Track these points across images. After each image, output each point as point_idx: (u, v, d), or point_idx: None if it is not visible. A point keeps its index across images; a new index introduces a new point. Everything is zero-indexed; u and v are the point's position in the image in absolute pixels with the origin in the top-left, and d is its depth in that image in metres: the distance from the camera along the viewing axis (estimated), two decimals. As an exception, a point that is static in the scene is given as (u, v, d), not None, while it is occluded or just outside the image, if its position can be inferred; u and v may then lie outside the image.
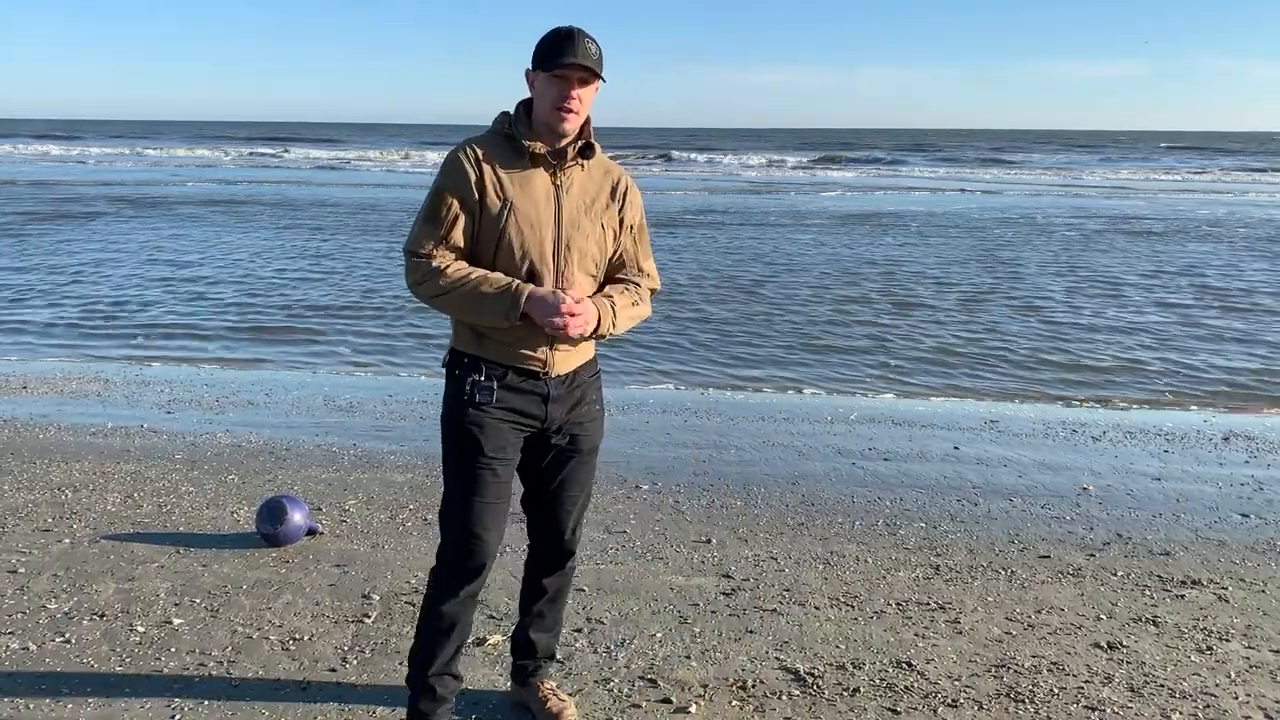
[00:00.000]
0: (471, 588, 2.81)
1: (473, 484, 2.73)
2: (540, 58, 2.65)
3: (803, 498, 5.34)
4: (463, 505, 2.74)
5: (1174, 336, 10.46)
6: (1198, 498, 5.46)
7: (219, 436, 6.33)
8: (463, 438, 2.72)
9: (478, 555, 2.77)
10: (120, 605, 3.86)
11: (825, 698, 3.28)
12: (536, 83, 2.68)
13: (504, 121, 2.73)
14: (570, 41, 2.62)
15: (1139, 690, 3.36)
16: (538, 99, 2.68)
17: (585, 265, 2.74)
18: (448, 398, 2.77)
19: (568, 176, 2.72)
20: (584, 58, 2.60)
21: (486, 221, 2.65)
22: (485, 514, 2.75)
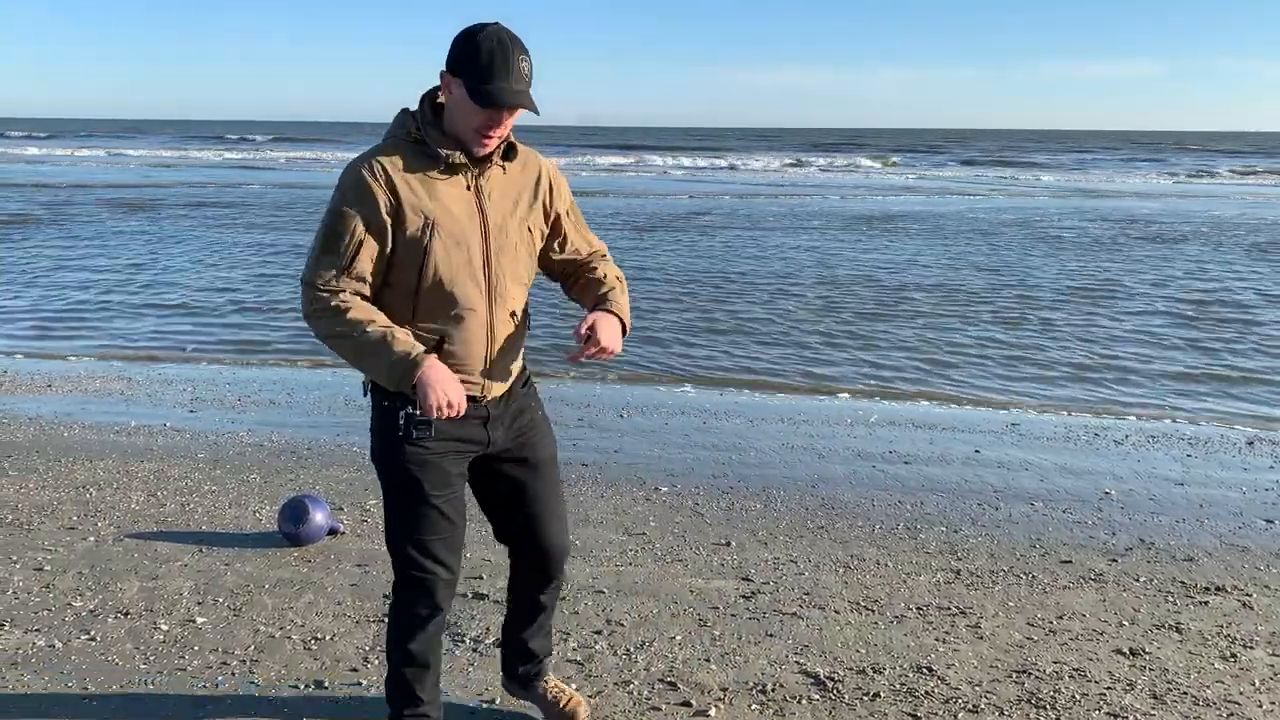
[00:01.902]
0: (438, 620, 2.69)
1: (420, 523, 2.58)
2: (468, 73, 2.34)
3: (822, 501, 5.33)
4: (414, 546, 2.59)
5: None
6: (1221, 503, 5.42)
7: (241, 435, 6.37)
8: (403, 478, 2.54)
9: (439, 591, 2.64)
10: (144, 603, 3.90)
11: (845, 702, 3.27)
12: (456, 92, 2.39)
13: (410, 125, 2.46)
14: (506, 64, 2.33)
15: (1162, 697, 3.34)
16: (457, 112, 2.41)
17: (517, 275, 2.57)
18: (379, 431, 2.56)
19: (487, 180, 2.50)
20: (519, 85, 2.35)
21: (404, 246, 2.41)
22: (439, 549, 2.60)
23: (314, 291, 2.43)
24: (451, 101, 2.42)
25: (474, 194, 2.48)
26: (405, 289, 2.47)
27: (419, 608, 2.66)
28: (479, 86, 2.34)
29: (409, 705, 2.76)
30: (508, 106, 2.36)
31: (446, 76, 2.41)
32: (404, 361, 2.38)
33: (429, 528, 2.59)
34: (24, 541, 4.50)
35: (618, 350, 2.55)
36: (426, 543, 2.60)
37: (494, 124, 2.40)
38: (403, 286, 2.47)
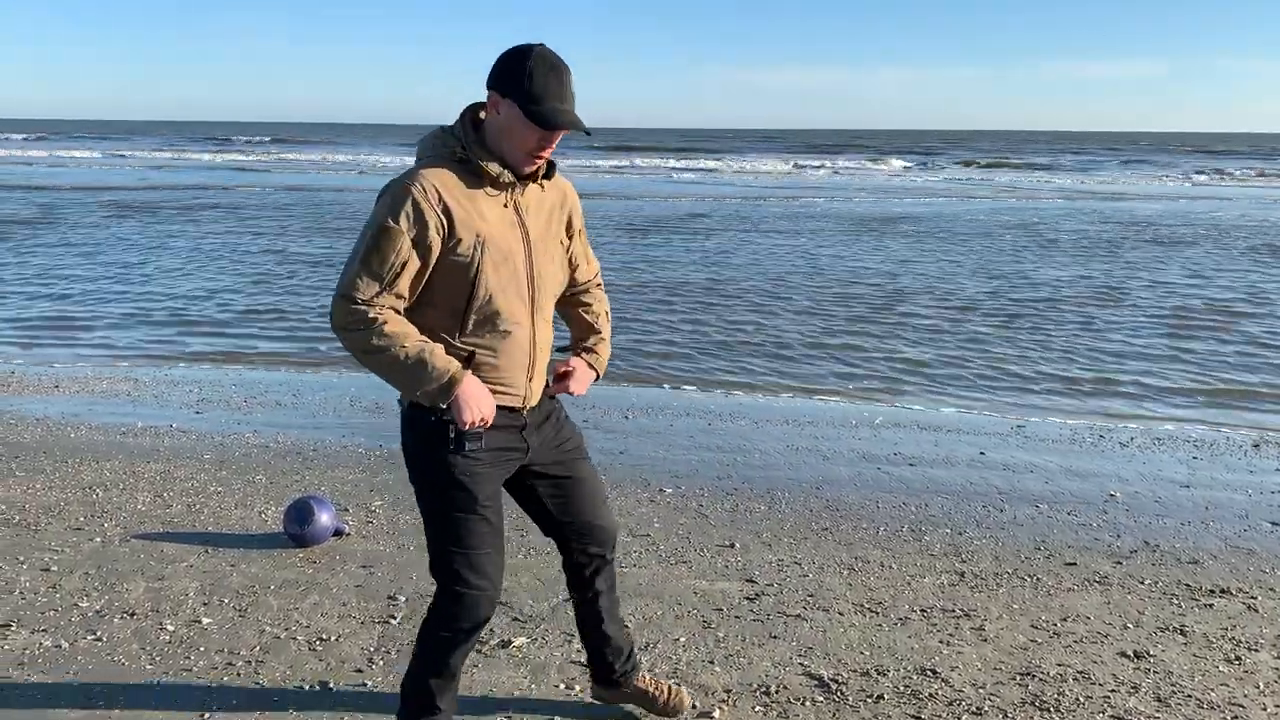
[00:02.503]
0: (477, 634, 2.71)
1: (469, 537, 2.58)
2: (522, 94, 2.38)
3: (827, 503, 5.33)
4: (465, 561, 2.59)
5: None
6: (1227, 505, 5.41)
7: (247, 437, 6.39)
8: (454, 491, 2.55)
9: (484, 607, 2.65)
10: (150, 604, 3.91)
11: (849, 704, 3.27)
12: (506, 112, 2.42)
13: (453, 144, 2.47)
14: (560, 86, 2.40)
15: (1166, 700, 3.34)
16: (506, 131, 2.44)
17: (554, 289, 2.65)
18: (426, 445, 2.56)
19: (525, 197, 2.55)
20: (572, 106, 2.42)
21: (454, 265, 2.43)
22: (486, 564, 2.62)
23: (350, 305, 2.42)
24: (499, 121, 2.44)
25: (514, 211, 2.52)
26: (453, 306, 2.49)
27: (463, 622, 2.66)
28: (536, 108, 2.38)
29: (428, 714, 2.76)
30: (566, 128, 2.42)
31: (494, 96, 2.43)
32: (442, 378, 2.42)
33: (479, 541, 2.60)
34: (31, 542, 4.52)
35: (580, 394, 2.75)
36: (477, 557, 2.61)
37: (546, 144, 2.45)
38: (450, 304, 2.49)
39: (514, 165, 2.48)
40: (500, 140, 2.46)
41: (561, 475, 2.79)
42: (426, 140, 2.53)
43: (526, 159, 2.47)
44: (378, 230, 2.39)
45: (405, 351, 2.41)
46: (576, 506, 2.84)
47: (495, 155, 2.47)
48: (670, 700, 3.08)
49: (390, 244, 2.39)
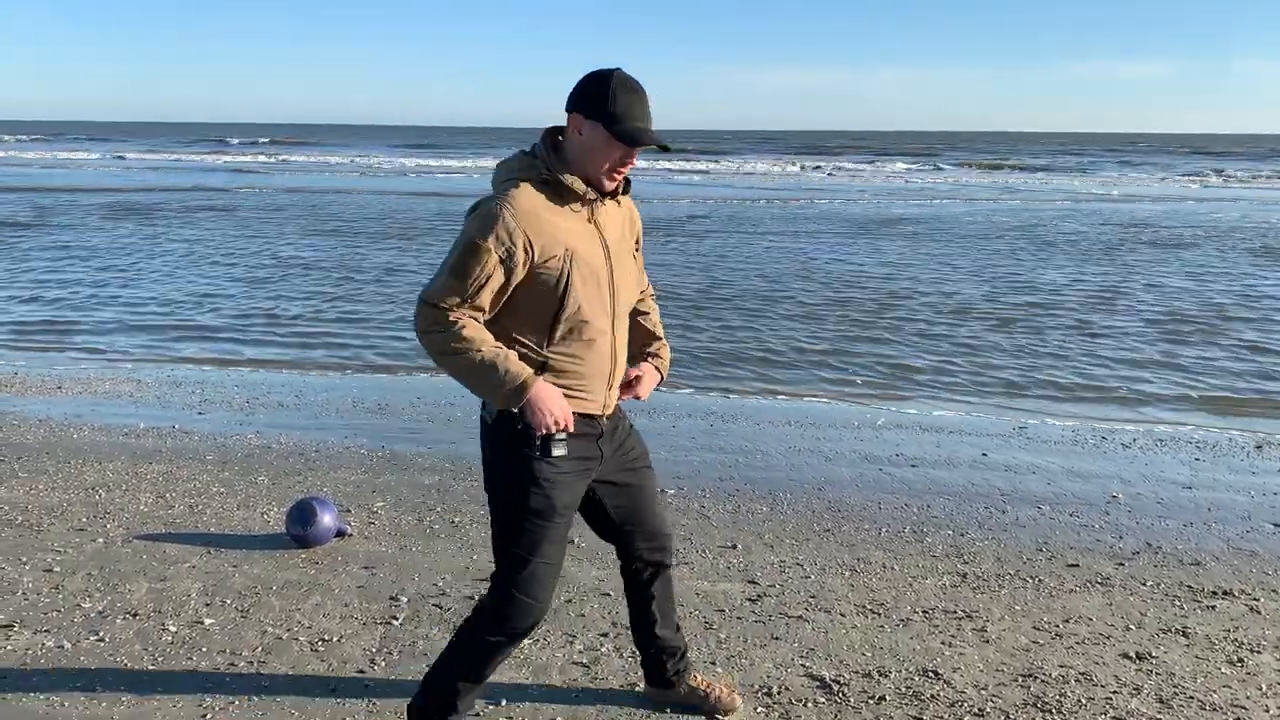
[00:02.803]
0: (518, 645, 2.79)
1: (538, 546, 2.64)
2: (607, 115, 2.50)
3: (829, 504, 5.33)
4: (534, 571, 2.64)
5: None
6: (1229, 507, 5.40)
7: (249, 438, 6.40)
8: (535, 497, 2.61)
9: (537, 616, 2.71)
10: (153, 605, 3.91)
11: (850, 705, 3.27)
12: (589, 133, 2.54)
13: (539, 165, 2.57)
14: (641, 106, 2.54)
15: (1168, 702, 3.34)
16: (587, 150, 2.55)
17: (629, 300, 2.75)
18: (510, 452, 2.61)
19: (603, 213, 2.66)
20: (650, 125, 2.56)
21: (544, 280, 2.53)
22: (547, 577, 2.68)
23: (432, 310, 2.52)
24: (582, 141, 2.56)
25: (595, 226, 2.64)
26: (541, 319, 2.58)
27: (513, 630, 2.70)
28: (619, 128, 2.51)
29: (449, 712, 2.78)
30: (648, 145, 2.55)
31: (577, 118, 2.55)
32: (515, 381, 2.50)
33: (546, 552, 2.66)
34: (34, 543, 4.52)
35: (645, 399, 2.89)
36: (541, 568, 2.66)
37: (627, 161, 2.58)
38: (538, 317, 2.58)
39: (596, 182, 2.59)
40: (583, 159, 2.57)
41: (627, 483, 2.87)
42: (509, 162, 2.63)
43: (609, 176, 2.59)
44: (468, 247, 2.49)
45: (481, 355, 2.50)
46: (640, 514, 2.92)
47: (579, 173, 2.58)
48: (723, 699, 3.16)
49: (477, 261, 2.48)
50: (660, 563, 3.01)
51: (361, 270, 14.70)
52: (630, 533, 2.93)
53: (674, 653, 3.12)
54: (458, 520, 4.93)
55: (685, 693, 3.16)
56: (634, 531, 2.93)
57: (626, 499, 2.88)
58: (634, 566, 3.00)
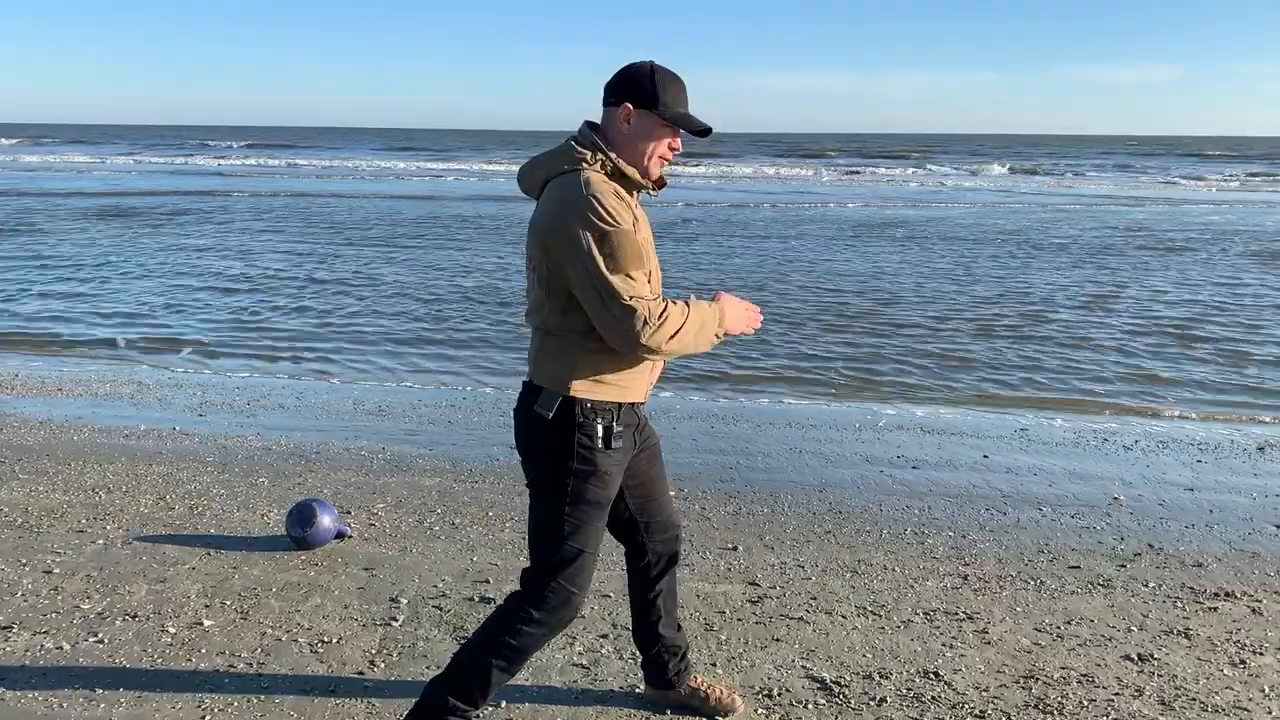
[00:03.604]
0: (554, 636, 2.80)
1: (591, 539, 2.68)
2: (655, 101, 2.57)
3: (830, 505, 5.32)
4: (583, 562, 2.67)
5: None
6: (1231, 509, 5.39)
7: (250, 439, 6.39)
8: (596, 490, 2.64)
9: (578, 608, 2.73)
10: (152, 606, 3.91)
11: (851, 707, 3.26)
12: (639, 122, 2.59)
13: (600, 158, 2.59)
14: (685, 93, 2.62)
15: (1170, 703, 3.33)
16: (636, 138, 2.60)
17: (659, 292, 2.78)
18: (568, 446, 2.60)
19: (638, 204, 2.70)
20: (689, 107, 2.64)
21: None
22: (592, 569, 2.72)
23: (638, 314, 2.47)
24: (630, 130, 2.60)
25: (640, 215, 2.65)
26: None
27: (559, 619, 2.71)
28: (673, 112, 2.60)
29: (476, 706, 2.76)
30: (699, 129, 2.62)
31: (625, 108, 2.59)
32: (717, 319, 2.60)
33: (594, 545, 2.70)
34: (33, 544, 4.52)
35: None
36: (589, 560, 2.69)
37: (674, 146, 2.65)
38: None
39: (644, 171, 2.64)
40: (632, 147, 2.61)
41: (644, 473, 2.88)
42: (566, 154, 2.61)
43: (659, 162, 2.65)
44: (616, 237, 2.48)
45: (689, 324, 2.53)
46: (654, 505, 2.95)
47: (626, 162, 2.61)
48: (723, 700, 3.16)
49: (631, 242, 2.50)
50: (673, 553, 3.02)
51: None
52: (644, 524, 2.94)
53: (675, 652, 3.12)
54: (458, 522, 4.92)
55: (686, 693, 3.16)
56: (648, 522, 2.95)
57: (643, 489, 2.90)
58: (646, 560, 2.99)
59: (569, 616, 2.71)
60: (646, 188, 2.68)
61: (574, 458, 2.61)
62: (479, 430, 6.72)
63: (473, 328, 10.84)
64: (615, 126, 2.62)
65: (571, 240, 2.48)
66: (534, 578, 2.69)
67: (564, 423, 2.60)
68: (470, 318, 11.36)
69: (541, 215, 2.58)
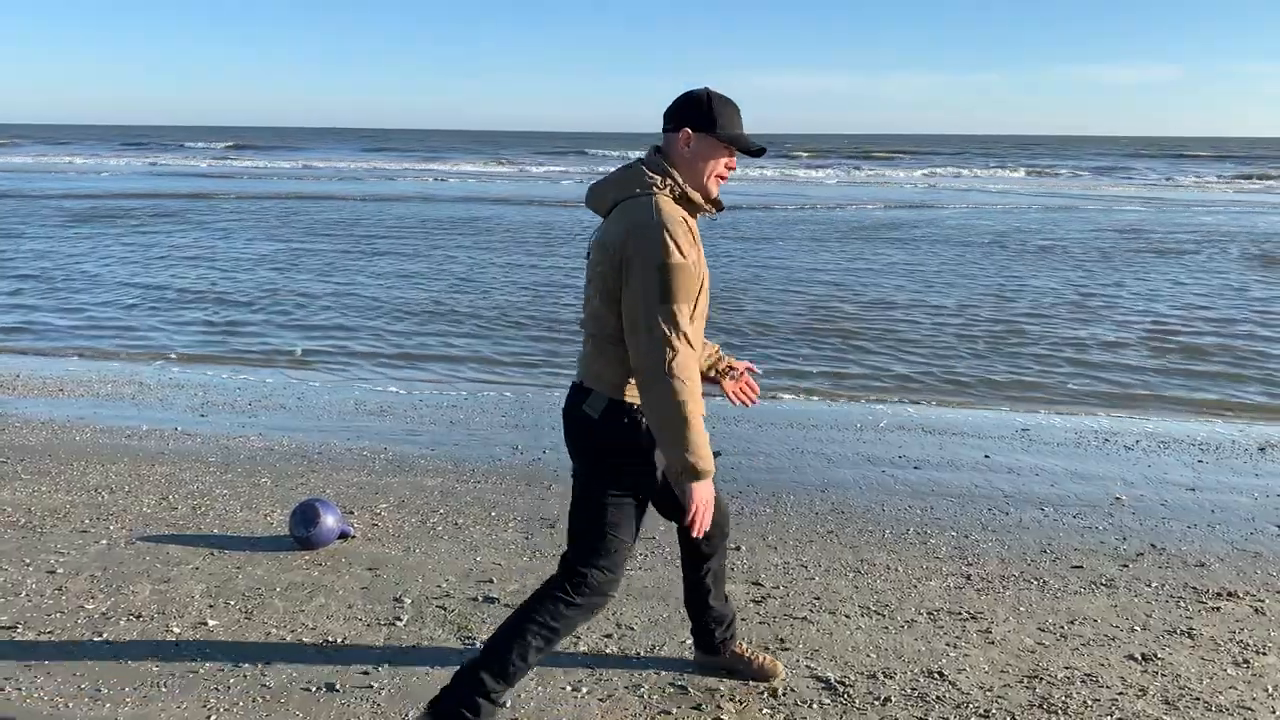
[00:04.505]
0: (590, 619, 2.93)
1: (635, 529, 2.86)
2: (714, 125, 2.72)
3: (832, 505, 5.33)
4: (620, 550, 2.83)
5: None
6: (1233, 509, 5.40)
7: (251, 440, 6.39)
8: (648, 485, 2.82)
9: (613, 595, 2.89)
10: (156, 606, 3.91)
11: (856, 706, 3.27)
12: (698, 144, 2.74)
13: (669, 183, 2.72)
14: (739, 116, 2.77)
15: (1174, 703, 3.33)
16: (697, 160, 2.75)
17: None
18: (631, 445, 2.77)
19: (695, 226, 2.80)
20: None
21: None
22: (626, 559, 2.88)
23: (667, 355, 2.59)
24: (690, 152, 2.75)
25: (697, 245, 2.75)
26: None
27: (598, 604, 2.87)
28: (729, 133, 2.75)
29: (510, 684, 2.86)
30: (754, 149, 2.79)
31: (685, 133, 2.74)
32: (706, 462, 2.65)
33: (634, 533, 2.87)
34: (36, 544, 4.52)
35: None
36: (627, 551, 2.87)
37: (730, 166, 2.80)
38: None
39: (704, 191, 2.78)
40: (692, 169, 2.76)
41: None
42: (638, 176, 2.73)
43: (715, 181, 2.78)
44: (677, 269, 2.59)
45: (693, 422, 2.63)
46: None
47: (692, 184, 2.76)
48: (765, 666, 3.38)
49: (693, 280, 2.63)
50: (720, 534, 3.21)
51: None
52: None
53: (722, 621, 3.34)
54: (461, 522, 4.93)
55: (730, 659, 3.39)
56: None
57: None
58: (695, 541, 3.15)
59: (606, 601, 2.88)
60: (709, 211, 2.81)
61: (636, 455, 2.78)
62: (480, 431, 6.73)
63: (471, 327, 10.85)
64: (676, 150, 2.76)
65: (638, 262, 2.61)
66: (577, 565, 2.83)
67: (614, 423, 2.76)
68: (469, 317, 11.37)
69: (613, 234, 2.69)
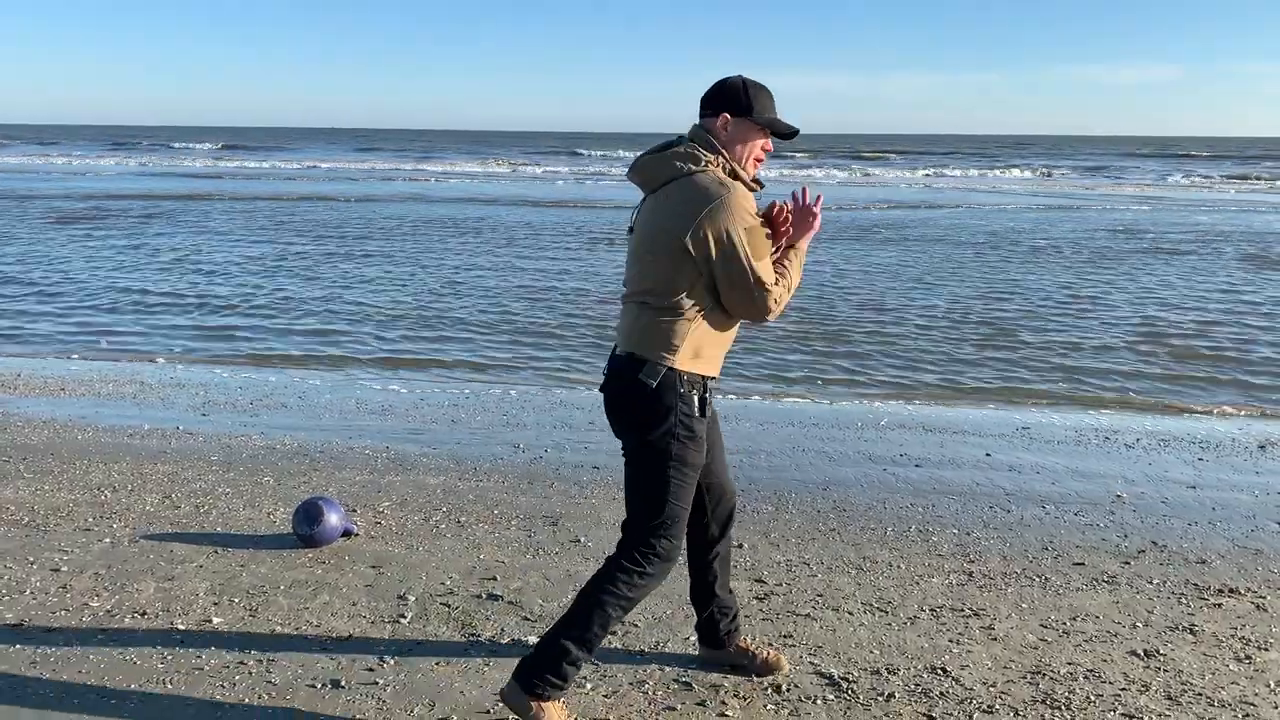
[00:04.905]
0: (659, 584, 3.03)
1: (689, 497, 2.96)
2: (749, 109, 2.87)
3: (834, 503, 5.34)
4: (682, 520, 2.95)
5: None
6: (1233, 506, 5.41)
7: (253, 438, 6.40)
8: (695, 454, 2.92)
9: (678, 555, 3.00)
10: (161, 604, 3.92)
11: (860, 702, 3.28)
12: (735, 128, 2.88)
13: (724, 160, 2.87)
14: (773, 101, 2.92)
15: (1177, 698, 3.34)
16: (735, 143, 2.89)
17: None
18: (672, 414, 2.87)
19: None
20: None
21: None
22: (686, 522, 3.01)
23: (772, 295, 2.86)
24: (727, 137, 2.89)
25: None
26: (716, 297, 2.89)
27: (665, 570, 2.98)
28: (764, 117, 2.89)
29: (591, 652, 2.99)
30: (788, 130, 2.92)
31: (723, 118, 2.88)
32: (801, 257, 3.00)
33: (691, 499, 2.98)
34: (40, 542, 4.53)
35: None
36: (686, 516, 2.98)
37: (766, 148, 2.94)
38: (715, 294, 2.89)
39: (746, 172, 2.92)
40: (731, 150, 2.89)
41: (712, 442, 3.13)
42: (692, 154, 2.86)
43: (754, 164, 2.93)
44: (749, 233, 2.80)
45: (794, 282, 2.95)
46: (716, 473, 3.20)
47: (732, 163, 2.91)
48: (769, 660, 3.41)
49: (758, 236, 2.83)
50: (729, 516, 3.28)
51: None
52: (705, 485, 3.16)
53: (727, 613, 3.38)
54: (464, 520, 4.94)
55: (735, 653, 3.42)
56: (708, 484, 3.17)
57: (709, 458, 3.09)
58: (705, 521, 3.23)
59: (673, 566, 2.99)
60: (753, 188, 2.92)
61: (680, 425, 2.88)
62: (482, 429, 6.73)
63: (469, 326, 10.86)
64: (715, 134, 2.90)
65: (722, 234, 2.76)
66: (642, 536, 2.94)
67: (668, 392, 2.86)
68: (469, 316, 11.38)
69: (675, 207, 2.80)
